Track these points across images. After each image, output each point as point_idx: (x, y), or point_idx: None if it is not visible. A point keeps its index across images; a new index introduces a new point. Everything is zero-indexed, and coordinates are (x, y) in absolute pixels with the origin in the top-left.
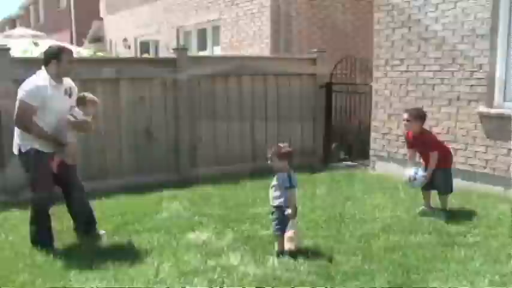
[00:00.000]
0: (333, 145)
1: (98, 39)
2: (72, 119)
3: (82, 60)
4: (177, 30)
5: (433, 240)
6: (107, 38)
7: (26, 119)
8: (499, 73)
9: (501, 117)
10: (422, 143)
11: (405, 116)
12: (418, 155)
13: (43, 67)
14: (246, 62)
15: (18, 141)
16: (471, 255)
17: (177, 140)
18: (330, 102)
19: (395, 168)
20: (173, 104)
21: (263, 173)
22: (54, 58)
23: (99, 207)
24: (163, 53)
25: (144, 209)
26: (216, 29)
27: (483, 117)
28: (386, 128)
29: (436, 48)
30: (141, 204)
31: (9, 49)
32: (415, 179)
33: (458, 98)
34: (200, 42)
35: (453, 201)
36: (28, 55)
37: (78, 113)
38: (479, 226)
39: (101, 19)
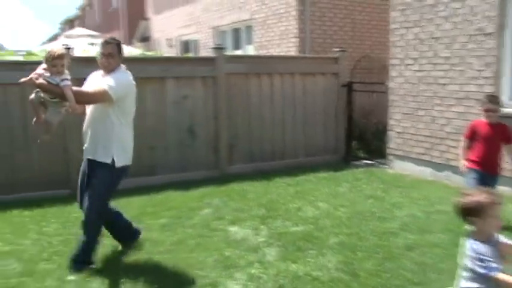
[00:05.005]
0: (353, 143)
1: (145, 39)
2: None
3: (133, 59)
4: (214, 30)
5: (447, 239)
6: (153, 37)
7: None
8: (506, 72)
9: (508, 117)
10: (502, 132)
11: (491, 106)
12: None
13: None
14: (276, 61)
15: None
16: None
17: (216, 138)
18: (351, 101)
19: (410, 167)
20: (213, 102)
21: (292, 170)
22: None
23: (150, 201)
24: (202, 53)
25: (189, 204)
26: (248, 29)
27: None
28: (402, 127)
29: (446, 47)
30: (186, 199)
31: None
32: None
33: (466, 97)
34: (235, 41)
35: None
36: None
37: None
38: None
39: (148, 19)
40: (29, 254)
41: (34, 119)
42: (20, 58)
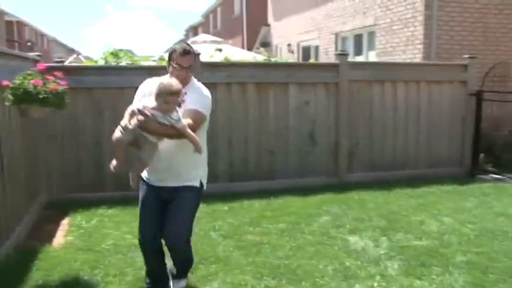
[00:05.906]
0: (481, 156)
1: (265, 44)
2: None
3: (257, 65)
4: (335, 36)
5: None
6: (273, 43)
7: None
8: None
9: None
10: None
11: None
12: None
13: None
14: (401, 68)
15: None
16: None
17: (336, 145)
18: (480, 111)
19: None
20: (334, 109)
21: (413, 181)
22: None
23: (269, 205)
24: (322, 58)
25: (308, 210)
26: (371, 35)
27: None
28: None
29: None
30: (304, 205)
31: None
32: None
33: None
34: (356, 47)
35: None
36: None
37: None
38: None
39: (268, 25)
40: None
41: (114, 164)
42: (153, 63)
